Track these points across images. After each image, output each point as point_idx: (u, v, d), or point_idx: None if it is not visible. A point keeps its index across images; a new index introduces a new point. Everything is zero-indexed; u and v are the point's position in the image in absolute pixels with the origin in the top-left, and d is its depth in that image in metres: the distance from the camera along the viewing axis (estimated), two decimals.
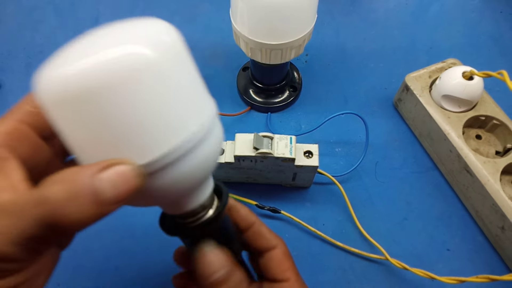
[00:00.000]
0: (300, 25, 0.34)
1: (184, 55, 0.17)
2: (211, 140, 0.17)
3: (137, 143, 0.15)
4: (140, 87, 0.14)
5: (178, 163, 0.15)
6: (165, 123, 0.15)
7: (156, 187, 0.16)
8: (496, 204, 0.34)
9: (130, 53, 0.14)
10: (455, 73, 0.37)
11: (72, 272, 0.36)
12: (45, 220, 0.13)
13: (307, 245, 0.37)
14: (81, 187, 0.13)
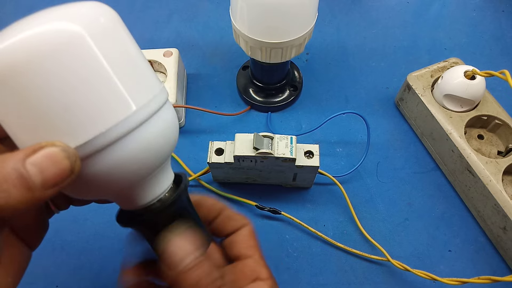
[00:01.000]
0: (300, 23, 0.33)
1: (119, 34, 0.16)
2: (155, 124, 0.16)
3: (67, 125, 0.14)
4: (64, 63, 0.13)
5: (115, 146, 0.15)
6: (96, 102, 0.14)
7: (94, 173, 0.15)
8: (498, 205, 0.33)
9: (54, 29, 0.14)
10: (457, 72, 0.37)
11: (70, 273, 0.36)
12: None
13: (307, 246, 0.37)
14: (8, 171, 0.13)
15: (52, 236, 0.37)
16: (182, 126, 0.44)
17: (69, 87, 0.14)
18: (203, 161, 0.40)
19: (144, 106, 0.16)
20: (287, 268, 0.35)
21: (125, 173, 0.16)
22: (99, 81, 0.14)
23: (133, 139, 0.15)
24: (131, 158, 0.15)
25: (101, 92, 0.14)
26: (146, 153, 0.16)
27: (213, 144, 0.34)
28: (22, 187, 0.13)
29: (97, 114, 0.14)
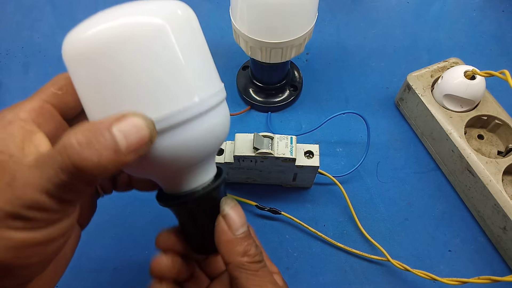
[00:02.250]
0: (300, 23, 0.33)
1: (196, 29, 0.20)
2: (219, 113, 0.18)
3: (147, 99, 0.16)
4: (150, 47, 0.16)
5: (185, 126, 0.17)
6: (177, 84, 0.17)
7: (161, 149, 0.17)
8: (498, 205, 0.33)
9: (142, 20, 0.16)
10: (457, 72, 0.37)
11: (71, 273, 0.35)
12: (68, 166, 0.14)
13: (307, 246, 0.37)
14: (98, 133, 0.15)
15: None
16: None
17: (154, 67, 0.16)
18: None
19: (213, 95, 0.18)
20: (287, 268, 0.35)
21: (186, 154, 0.17)
22: (181, 66, 0.17)
23: (200, 123, 0.17)
24: (195, 140, 0.17)
25: (182, 75, 0.17)
26: (207, 138, 0.18)
27: None
28: (111, 149, 0.15)
29: (175, 94, 0.16)
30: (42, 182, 0.14)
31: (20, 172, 0.15)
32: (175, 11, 0.17)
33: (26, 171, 0.15)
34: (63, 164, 0.14)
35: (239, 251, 0.20)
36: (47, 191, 0.15)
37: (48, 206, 0.15)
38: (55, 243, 0.16)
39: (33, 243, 0.15)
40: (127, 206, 0.39)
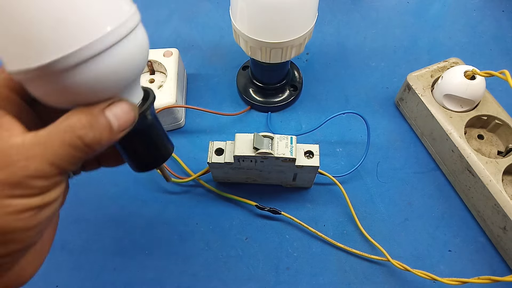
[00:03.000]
0: (300, 23, 0.33)
1: None
2: (133, 41, 0.18)
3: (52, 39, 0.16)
4: None
5: (99, 58, 0.17)
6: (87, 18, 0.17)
7: (81, 81, 0.17)
8: (498, 205, 0.33)
9: None
10: (457, 72, 0.37)
11: (71, 273, 0.36)
12: (74, 143, 0.17)
13: (307, 246, 0.37)
14: (97, 116, 0.18)
15: None
16: (182, 126, 0.44)
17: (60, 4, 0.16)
18: (203, 161, 0.40)
19: (123, 23, 0.18)
20: (287, 268, 0.35)
21: (106, 83, 0.18)
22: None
23: (112, 54, 0.18)
24: (113, 69, 0.18)
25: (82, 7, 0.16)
26: (124, 66, 0.18)
27: (213, 144, 0.34)
28: (107, 129, 0.18)
29: (84, 29, 0.17)
30: (49, 155, 0.17)
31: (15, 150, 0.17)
32: None
33: (25, 148, 0.17)
34: (70, 141, 0.17)
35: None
36: (51, 163, 0.17)
37: (50, 175, 0.17)
38: (52, 207, 0.19)
39: (33, 207, 0.17)
40: (127, 206, 0.39)
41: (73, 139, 0.17)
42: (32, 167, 0.17)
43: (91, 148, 0.18)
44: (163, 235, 0.37)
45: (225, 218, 0.38)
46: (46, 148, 0.17)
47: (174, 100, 0.39)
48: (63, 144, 0.17)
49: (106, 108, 0.18)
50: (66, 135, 0.17)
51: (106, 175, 0.40)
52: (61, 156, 0.17)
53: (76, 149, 0.18)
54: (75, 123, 0.18)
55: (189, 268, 0.36)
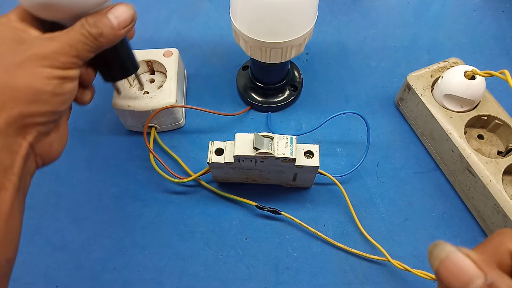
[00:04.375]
0: (300, 23, 0.33)
1: None
2: None
3: None
4: None
5: None
6: None
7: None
8: (498, 205, 0.33)
9: None
10: (457, 72, 0.37)
11: (70, 273, 0.36)
12: (84, 34, 0.24)
13: (307, 246, 0.37)
14: (101, 17, 0.25)
15: (52, 236, 0.37)
16: (182, 126, 0.44)
17: None
18: (203, 161, 0.40)
19: None
20: (287, 268, 0.35)
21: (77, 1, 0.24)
22: None
23: None
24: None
25: None
26: None
27: (213, 144, 0.34)
28: (109, 26, 0.25)
29: None
30: (67, 40, 0.24)
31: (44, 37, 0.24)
32: None
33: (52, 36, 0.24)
34: (83, 32, 0.24)
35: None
36: (70, 45, 0.24)
37: (70, 54, 0.24)
38: (72, 84, 0.25)
39: (58, 77, 0.24)
40: (127, 206, 0.39)
41: (83, 31, 0.24)
42: (58, 45, 0.24)
43: (97, 39, 0.25)
44: (163, 235, 0.37)
45: (225, 218, 0.38)
46: (67, 37, 0.24)
47: (174, 100, 0.39)
48: (77, 33, 0.24)
49: (108, 11, 0.25)
50: (79, 28, 0.24)
51: (106, 175, 0.41)
52: (76, 41, 0.24)
53: (86, 37, 0.24)
54: (84, 21, 0.24)
55: (189, 268, 0.36)
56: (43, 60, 0.23)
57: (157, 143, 0.42)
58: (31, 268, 0.36)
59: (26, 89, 0.23)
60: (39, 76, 0.23)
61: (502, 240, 0.17)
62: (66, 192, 0.40)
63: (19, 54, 0.23)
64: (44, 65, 0.23)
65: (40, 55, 0.23)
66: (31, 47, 0.23)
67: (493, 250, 0.17)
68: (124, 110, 0.38)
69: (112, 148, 0.42)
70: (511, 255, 0.17)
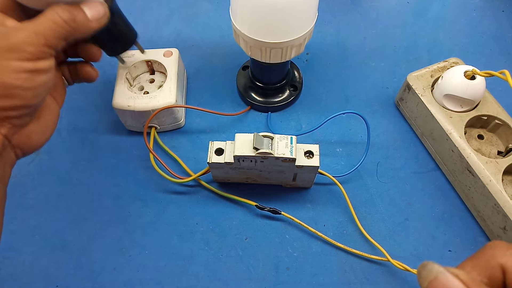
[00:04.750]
0: (300, 23, 0.33)
1: None
2: None
3: None
4: None
5: None
6: None
7: None
8: (498, 205, 0.33)
9: None
10: (457, 72, 0.37)
11: (70, 273, 0.36)
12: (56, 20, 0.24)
13: (307, 246, 0.37)
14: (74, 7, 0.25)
15: (52, 236, 0.37)
16: (182, 126, 0.44)
17: None
18: (203, 161, 0.40)
19: None
20: (287, 268, 0.35)
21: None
22: None
23: None
24: None
25: None
26: None
27: (213, 144, 0.34)
28: (82, 15, 0.25)
29: None
30: (35, 28, 0.23)
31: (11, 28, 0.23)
32: None
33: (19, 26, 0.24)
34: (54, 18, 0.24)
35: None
36: (38, 33, 0.23)
37: (39, 44, 0.23)
38: (44, 76, 0.24)
39: (27, 70, 0.23)
40: (127, 206, 0.39)
41: (56, 18, 0.24)
42: (23, 35, 0.23)
43: (70, 26, 0.25)
44: (163, 235, 0.37)
45: (225, 218, 0.38)
46: (34, 25, 0.23)
47: (174, 100, 0.39)
48: (48, 21, 0.24)
49: (82, 3, 0.26)
50: (51, 15, 0.24)
51: (106, 175, 0.41)
52: (46, 30, 0.23)
53: (58, 25, 0.24)
54: (58, 9, 0.24)
55: (189, 268, 0.36)
56: (10, 53, 0.22)
57: (157, 143, 0.42)
58: (31, 268, 0.36)
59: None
60: (7, 70, 0.22)
61: (493, 254, 0.17)
62: (66, 192, 0.40)
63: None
64: (11, 58, 0.22)
65: (6, 47, 0.22)
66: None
67: (484, 264, 0.17)
68: (124, 110, 0.38)
69: (112, 148, 0.42)
70: (502, 269, 0.17)
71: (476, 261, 0.18)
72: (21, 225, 0.38)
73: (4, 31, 0.23)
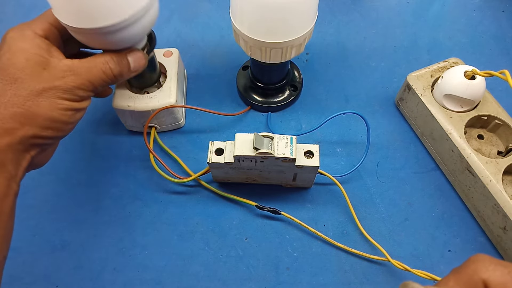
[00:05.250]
0: (300, 23, 0.33)
1: None
2: (157, 4, 0.30)
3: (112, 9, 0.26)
4: None
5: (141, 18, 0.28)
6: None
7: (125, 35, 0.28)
8: (498, 205, 0.33)
9: None
10: (457, 72, 0.37)
11: (70, 273, 0.36)
12: (106, 71, 0.28)
13: (307, 246, 0.37)
14: (122, 57, 0.29)
15: (52, 236, 0.37)
16: (182, 126, 0.44)
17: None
18: (203, 161, 0.40)
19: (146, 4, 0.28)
20: (287, 268, 0.35)
21: (134, 38, 0.30)
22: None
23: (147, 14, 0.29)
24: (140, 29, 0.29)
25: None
26: (146, 26, 0.30)
27: (213, 144, 0.34)
28: (127, 67, 0.30)
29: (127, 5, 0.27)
30: (88, 75, 0.27)
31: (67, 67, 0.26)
32: None
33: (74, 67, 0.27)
34: (105, 69, 0.28)
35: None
36: (90, 81, 0.27)
37: (88, 89, 0.27)
38: (82, 113, 0.29)
39: (73, 109, 0.27)
40: (127, 206, 0.39)
41: (106, 68, 0.28)
42: (79, 81, 0.26)
43: (115, 77, 0.29)
44: (163, 235, 0.37)
45: (225, 218, 0.38)
46: (89, 71, 0.27)
47: (174, 100, 0.39)
48: (99, 71, 0.28)
49: (128, 54, 0.30)
50: (102, 65, 0.28)
51: (106, 175, 0.41)
52: (97, 78, 0.27)
53: (107, 76, 0.28)
54: (109, 59, 0.28)
55: (189, 268, 0.36)
56: (63, 93, 0.26)
57: (157, 143, 0.42)
58: (31, 268, 0.36)
59: (44, 117, 0.25)
60: (57, 107, 0.26)
61: (476, 268, 0.18)
62: (66, 192, 0.40)
63: (42, 82, 0.25)
64: (63, 98, 0.26)
65: (61, 88, 0.26)
66: (54, 77, 0.26)
67: (467, 279, 0.18)
68: (124, 110, 0.38)
69: (112, 148, 0.42)
70: (484, 285, 0.17)
71: (459, 276, 0.18)
72: (21, 225, 0.38)
73: (60, 72, 0.26)
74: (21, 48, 0.26)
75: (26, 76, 0.25)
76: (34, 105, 0.25)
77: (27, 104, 0.25)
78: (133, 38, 0.29)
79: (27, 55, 0.25)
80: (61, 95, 0.26)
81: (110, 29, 0.27)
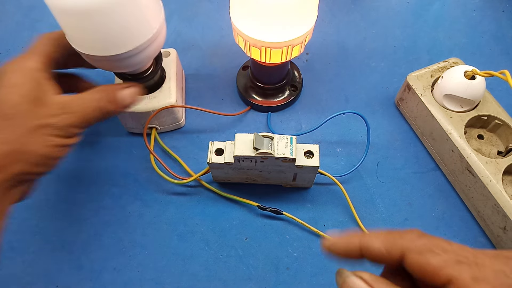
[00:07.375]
0: (300, 23, 0.33)
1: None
2: (164, 31, 0.32)
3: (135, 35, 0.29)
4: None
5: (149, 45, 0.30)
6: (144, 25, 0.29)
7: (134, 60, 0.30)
8: (498, 205, 0.33)
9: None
10: (457, 72, 0.37)
11: (70, 273, 0.36)
12: (101, 109, 0.28)
13: (307, 246, 0.37)
14: (116, 95, 0.29)
15: (52, 236, 0.37)
16: (182, 126, 0.44)
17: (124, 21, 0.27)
18: (203, 161, 0.40)
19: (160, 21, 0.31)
20: (287, 268, 0.35)
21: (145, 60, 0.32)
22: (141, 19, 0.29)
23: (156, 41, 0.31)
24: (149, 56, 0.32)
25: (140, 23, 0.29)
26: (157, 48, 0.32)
27: (213, 144, 0.34)
28: (116, 104, 0.29)
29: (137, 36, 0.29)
30: (83, 113, 0.27)
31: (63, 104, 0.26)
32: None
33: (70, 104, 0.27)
34: (100, 107, 0.28)
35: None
36: (84, 119, 0.27)
37: (81, 126, 0.27)
38: (71, 148, 0.28)
39: (64, 145, 0.27)
40: (127, 206, 0.39)
41: (101, 107, 0.28)
42: (73, 119, 0.27)
43: (108, 114, 0.29)
44: (163, 235, 0.37)
45: (225, 218, 0.38)
46: (83, 109, 0.27)
47: (174, 100, 0.39)
48: (94, 109, 0.28)
49: (122, 90, 0.30)
50: (97, 103, 0.28)
51: (106, 175, 0.41)
52: (90, 116, 0.27)
53: (101, 113, 0.28)
54: (103, 97, 0.28)
55: (189, 268, 0.36)
56: (57, 131, 0.26)
57: (157, 144, 0.42)
58: (31, 268, 0.36)
59: (36, 154, 0.25)
60: (50, 144, 0.26)
61: (404, 235, 0.19)
62: (66, 192, 0.40)
63: (36, 119, 0.25)
64: (56, 135, 0.26)
65: (56, 126, 0.26)
66: (48, 115, 0.26)
67: (392, 240, 0.19)
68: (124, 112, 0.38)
69: (112, 148, 0.42)
70: (401, 252, 0.19)
71: (390, 235, 0.19)
72: (21, 225, 0.38)
73: (54, 110, 0.26)
74: (16, 83, 0.26)
75: (20, 113, 0.25)
76: (28, 142, 0.25)
77: (21, 141, 0.24)
78: (142, 62, 0.32)
79: (22, 91, 0.25)
80: (55, 133, 0.26)
81: (122, 56, 0.29)
